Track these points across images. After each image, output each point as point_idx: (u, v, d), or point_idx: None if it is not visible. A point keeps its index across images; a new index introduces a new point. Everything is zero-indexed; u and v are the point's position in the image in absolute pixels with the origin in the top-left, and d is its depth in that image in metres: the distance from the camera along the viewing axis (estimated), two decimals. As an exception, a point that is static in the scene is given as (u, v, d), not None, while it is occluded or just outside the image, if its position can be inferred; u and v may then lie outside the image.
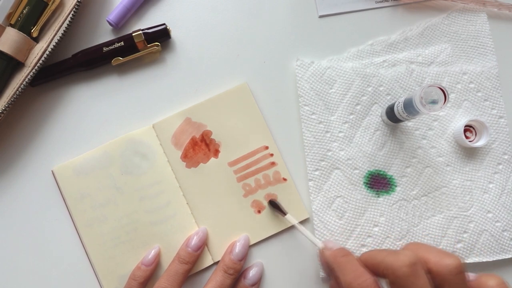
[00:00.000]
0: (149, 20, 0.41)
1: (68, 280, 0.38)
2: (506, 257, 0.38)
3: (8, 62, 0.37)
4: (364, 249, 0.38)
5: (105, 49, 0.39)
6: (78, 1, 0.37)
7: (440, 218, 0.38)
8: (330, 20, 0.42)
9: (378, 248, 0.38)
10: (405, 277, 0.24)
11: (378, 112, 0.40)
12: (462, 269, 0.25)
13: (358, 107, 0.40)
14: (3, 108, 0.36)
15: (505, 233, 0.38)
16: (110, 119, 0.40)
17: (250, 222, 0.39)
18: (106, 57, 0.39)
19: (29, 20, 0.37)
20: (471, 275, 0.26)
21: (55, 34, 0.38)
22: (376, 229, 0.38)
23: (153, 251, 0.37)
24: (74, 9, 0.37)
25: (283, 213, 0.37)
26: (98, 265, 0.38)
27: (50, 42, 0.37)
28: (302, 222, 0.39)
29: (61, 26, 0.38)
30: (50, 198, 0.39)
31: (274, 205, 0.38)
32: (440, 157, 0.39)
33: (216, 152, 0.39)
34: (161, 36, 0.40)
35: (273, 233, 0.39)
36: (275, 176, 0.39)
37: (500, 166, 0.40)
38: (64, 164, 0.39)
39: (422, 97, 0.31)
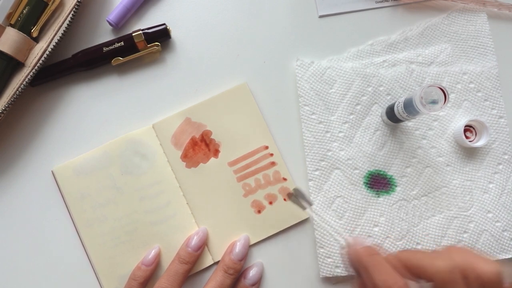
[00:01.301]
0: (149, 20, 0.41)
1: (68, 280, 0.38)
2: (506, 257, 0.38)
3: (8, 62, 0.37)
4: (364, 249, 0.38)
5: (105, 49, 0.39)
6: (78, 1, 0.37)
7: (440, 218, 0.38)
8: (330, 20, 0.42)
9: (377, 247, 0.38)
10: (452, 283, 0.24)
11: (378, 112, 0.40)
12: (501, 277, 0.24)
13: (358, 107, 0.40)
14: (3, 108, 0.36)
15: (505, 233, 0.38)
16: (110, 119, 0.40)
17: (250, 222, 0.39)
18: (106, 57, 0.39)
19: (29, 20, 0.37)
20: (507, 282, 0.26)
21: (55, 34, 0.38)
22: (376, 229, 0.38)
23: (153, 251, 0.37)
24: (74, 9, 0.37)
25: (309, 203, 0.36)
26: (98, 265, 0.38)
27: (50, 42, 0.37)
28: (302, 222, 0.39)
29: (61, 26, 0.38)
30: (50, 198, 0.39)
31: (299, 195, 0.36)
32: (440, 157, 0.39)
33: (216, 152, 0.39)
34: (161, 36, 0.40)
35: (273, 233, 0.39)
36: (275, 176, 0.39)
37: (500, 166, 0.40)
38: (64, 164, 0.39)
39: (422, 97, 0.31)
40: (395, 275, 0.26)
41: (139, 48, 0.39)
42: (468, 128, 0.40)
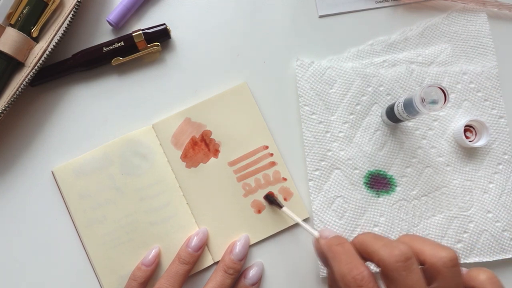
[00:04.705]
0: (149, 20, 0.41)
1: (68, 280, 0.38)
2: (506, 257, 0.38)
3: (8, 62, 0.37)
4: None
5: (105, 49, 0.39)
6: (78, 1, 0.37)
7: (440, 218, 0.38)
8: (330, 20, 0.42)
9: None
10: (397, 271, 0.24)
11: (378, 112, 0.40)
12: (457, 262, 0.25)
13: (358, 107, 0.40)
14: (3, 108, 0.36)
15: (505, 233, 0.38)
16: (110, 119, 0.40)
17: (250, 222, 0.39)
18: (106, 57, 0.39)
19: (29, 20, 0.37)
20: (462, 269, 0.26)
21: (55, 34, 0.38)
22: (376, 229, 0.38)
23: (153, 251, 0.37)
24: (74, 9, 0.37)
25: (280, 206, 0.37)
26: (98, 266, 0.38)
27: (50, 42, 0.37)
28: (302, 222, 0.39)
29: (61, 26, 0.38)
30: (50, 199, 0.39)
31: (270, 200, 0.38)
32: (440, 157, 0.39)
33: (216, 152, 0.39)
34: (161, 36, 0.40)
35: (273, 233, 0.39)
36: (275, 175, 0.39)
37: (500, 166, 0.40)
38: (64, 164, 0.39)
39: (422, 97, 0.31)
40: (361, 264, 0.25)
41: (139, 48, 0.39)
42: (468, 128, 0.40)
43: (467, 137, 0.39)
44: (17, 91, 0.37)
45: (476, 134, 0.39)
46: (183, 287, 0.36)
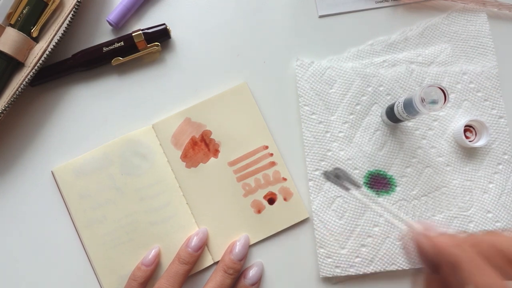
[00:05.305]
0: (149, 20, 0.41)
1: (68, 280, 0.38)
2: (506, 257, 0.38)
3: (8, 62, 0.37)
4: (364, 249, 0.38)
5: (105, 49, 0.39)
6: (78, 1, 0.37)
7: (440, 218, 0.38)
8: (330, 20, 0.42)
9: (377, 247, 0.38)
10: None
11: (378, 112, 0.40)
12: None
13: (358, 107, 0.40)
14: (3, 108, 0.36)
15: (505, 233, 0.38)
16: (110, 119, 0.40)
17: (250, 222, 0.39)
18: (106, 57, 0.39)
19: (29, 20, 0.37)
20: None
21: (55, 34, 0.38)
22: (376, 229, 0.38)
23: (153, 251, 0.37)
24: (74, 9, 0.37)
25: (354, 184, 0.34)
26: (98, 266, 0.38)
27: (50, 42, 0.37)
28: (302, 222, 0.39)
29: (61, 26, 0.38)
30: (50, 199, 0.39)
31: (342, 176, 0.35)
32: (440, 157, 0.39)
33: (215, 152, 0.39)
34: (161, 36, 0.40)
35: (273, 233, 0.39)
36: (275, 175, 0.39)
37: (500, 166, 0.40)
38: (64, 164, 0.39)
39: (422, 97, 0.31)
40: (497, 277, 0.21)
41: (139, 48, 0.39)
42: (468, 128, 0.40)
43: (467, 137, 0.39)
44: (17, 91, 0.37)
45: (476, 134, 0.39)
46: (183, 287, 0.36)
